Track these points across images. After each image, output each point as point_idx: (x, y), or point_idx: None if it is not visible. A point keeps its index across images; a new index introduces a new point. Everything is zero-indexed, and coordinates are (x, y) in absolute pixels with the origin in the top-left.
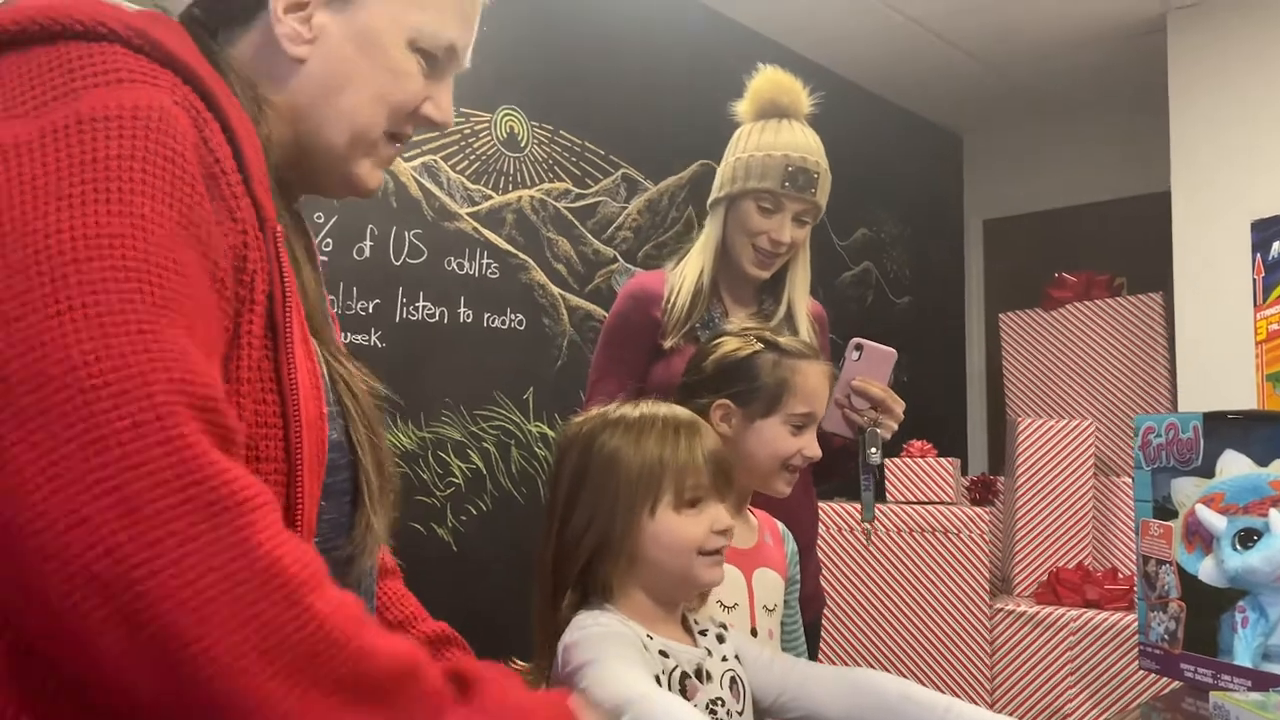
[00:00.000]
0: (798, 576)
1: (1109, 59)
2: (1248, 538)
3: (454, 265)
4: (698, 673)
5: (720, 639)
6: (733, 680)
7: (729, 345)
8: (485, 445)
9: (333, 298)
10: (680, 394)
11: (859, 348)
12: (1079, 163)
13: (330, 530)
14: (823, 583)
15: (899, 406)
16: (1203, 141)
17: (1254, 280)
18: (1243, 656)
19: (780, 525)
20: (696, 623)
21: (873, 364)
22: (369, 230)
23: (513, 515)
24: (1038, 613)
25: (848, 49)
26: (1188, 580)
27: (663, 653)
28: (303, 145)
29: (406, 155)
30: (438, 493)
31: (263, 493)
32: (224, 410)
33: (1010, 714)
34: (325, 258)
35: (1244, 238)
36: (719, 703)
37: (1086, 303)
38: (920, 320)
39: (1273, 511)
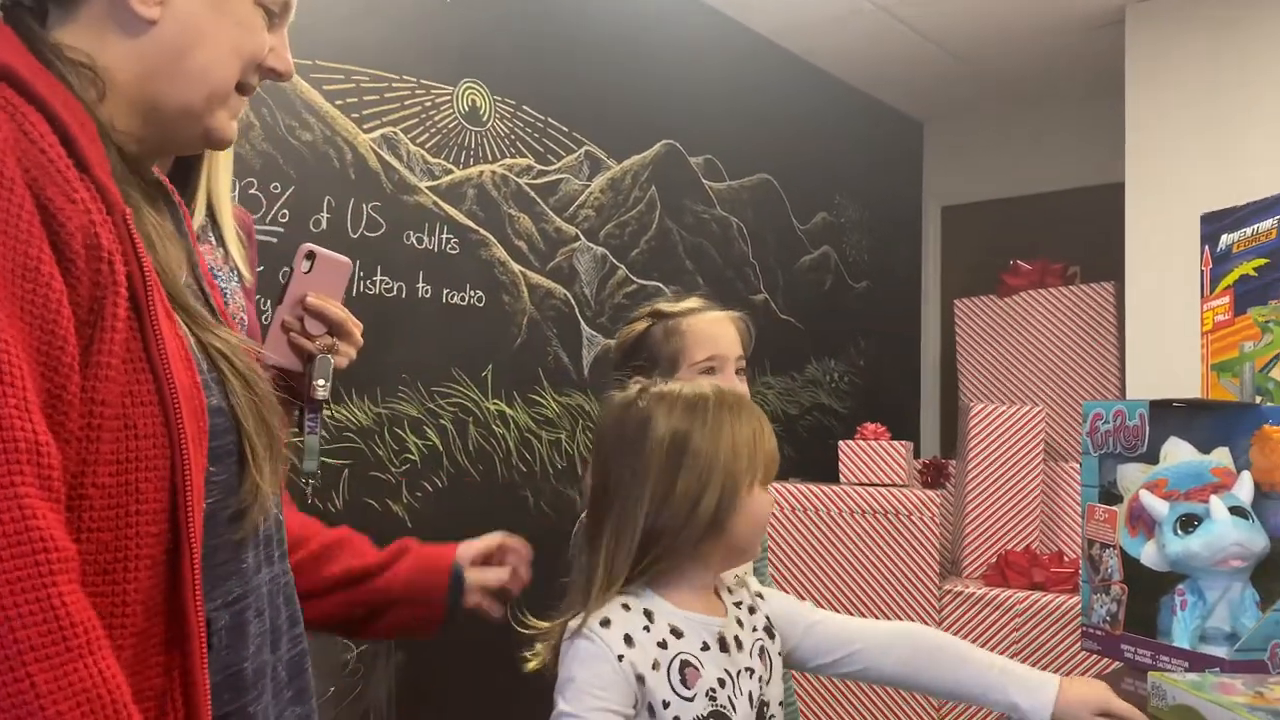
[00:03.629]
0: (763, 551)
1: (1068, 50)
2: (1188, 523)
3: (413, 239)
4: (721, 642)
5: (752, 609)
6: (761, 650)
7: (627, 329)
8: (442, 422)
9: (287, 269)
10: (614, 387)
11: (311, 256)
12: (1037, 152)
13: (221, 491)
14: (775, 562)
15: (358, 329)
16: (1156, 134)
17: (1202, 272)
18: (1181, 638)
19: None
20: (730, 591)
21: (327, 277)
22: (326, 202)
23: (469, 492)
24: (985, 594)
25: (811, 34)
26: (1130, 564)
27: (675, 631)
28: (158, 107)
29: (365, 126)
30: (393, 469)
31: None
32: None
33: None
34: (280, 229)
35: (1194, 230)
36: (749, 672)
37: (1040, 291)
38: (878, 305)
39: (1213, 498)
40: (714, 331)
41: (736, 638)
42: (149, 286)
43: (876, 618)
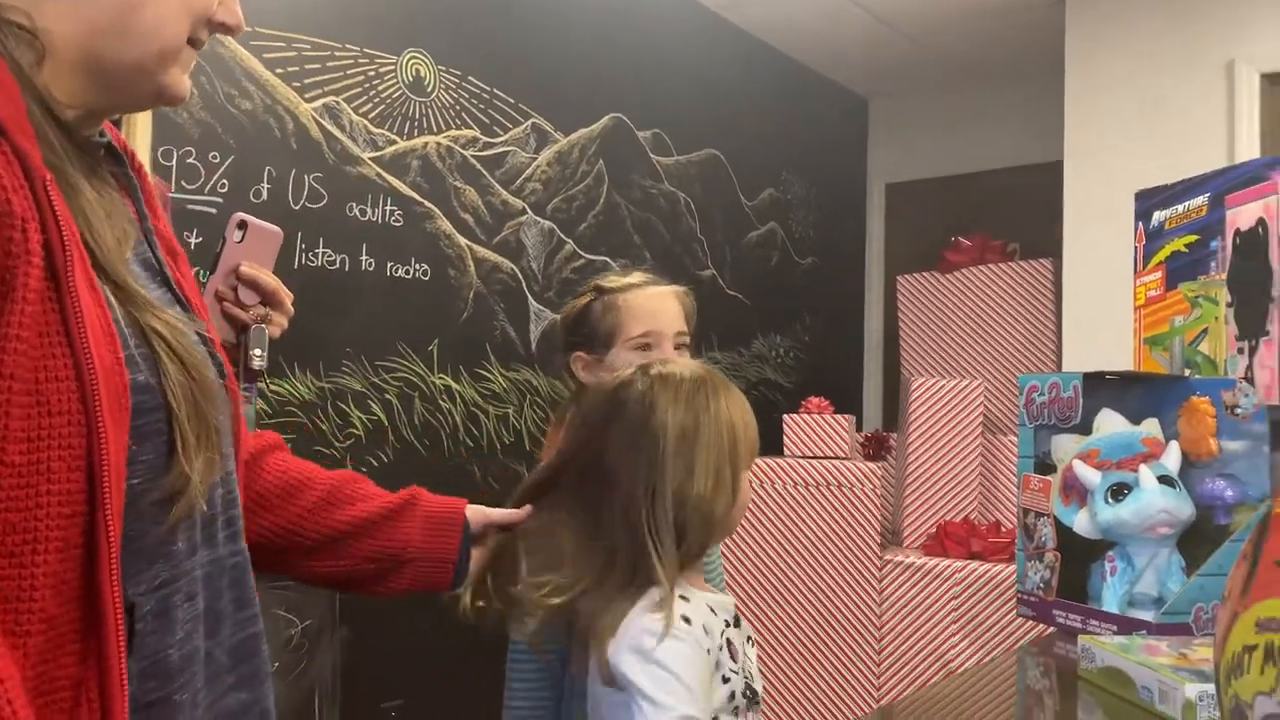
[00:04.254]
0: None
1: (1011, 29)
2: (1119, 491)
3: (356, 211)
4: (736, 618)
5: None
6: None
7: (568, 305)
8: (387, 397)
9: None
10: (559, 363)
11: (243, 226)
12: (979, 130)
13: (148, 471)
14: None
15: (289, 299)
16: (1095, 113)
17: (1135, 248)
18: (1110, 603)
19: None
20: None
21: (259, 246)
22: (267, 172)
23: (415, 467)
24: (925, 564)
25: (759, 9)
26: (1063, 531)
27: (713, 611)
28: (107, 67)
29: (306, 95)
30: (337, 444)
31: None
32: None
33: (898, 660)
34: (220, 199)
35: (1129, 207)
36: (750, 640)
37: (980, 267)
38: (823, 281)
39: (1142, 467)
40: (651, 307)
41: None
42: (69, 257)
43: (819, 587)
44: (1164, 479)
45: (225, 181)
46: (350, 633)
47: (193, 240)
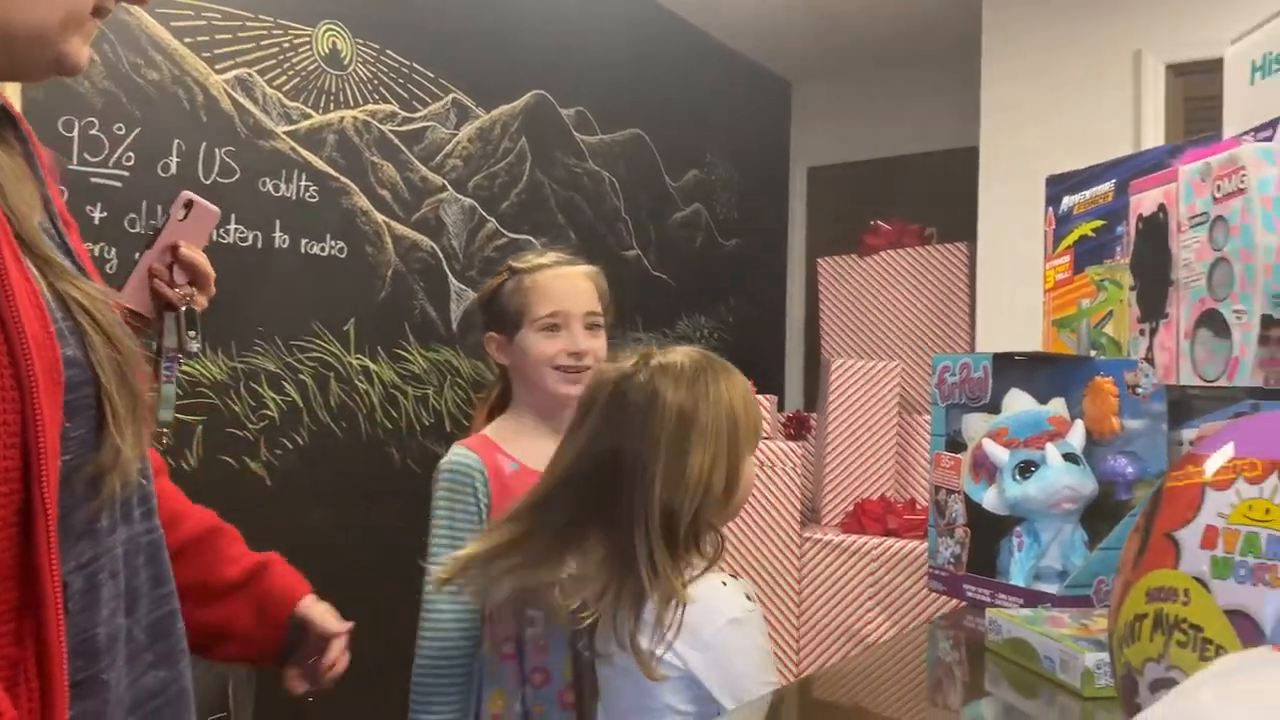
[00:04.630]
0: None
1: (932, 15)
2: (1026, 469)
3: (269, 186)
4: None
5: None
6: None
7: (483, 287)
8: (302, 377)
9: (133, 215)
10: (464, 335)
11: (189, 205)
12: (899, 115)
13: (79, 446)
14: None
15: (212, 278)
16: (1009, 100)
17: (1045, 233)
18: (1017, 577)
19: None
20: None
21: (198, 225)
22: (175, 145)
23: (331, 449)
24: (843, 541)
25: None
26: (973, 508)
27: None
28: (7, 33)
29: (217, 66)
30: (251, 425)
31: None
32: None
33: (816, 635)
34: (125, 173)
35: (1041, 192)
36: None
37: (898, 250)
38: (746, 262)
39: (1049, 445)
40: (558, 287)
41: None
42: None
43: (740, 564)
44: (1069, 456)
45: (131, 154)
46: None
47: (96, 215)
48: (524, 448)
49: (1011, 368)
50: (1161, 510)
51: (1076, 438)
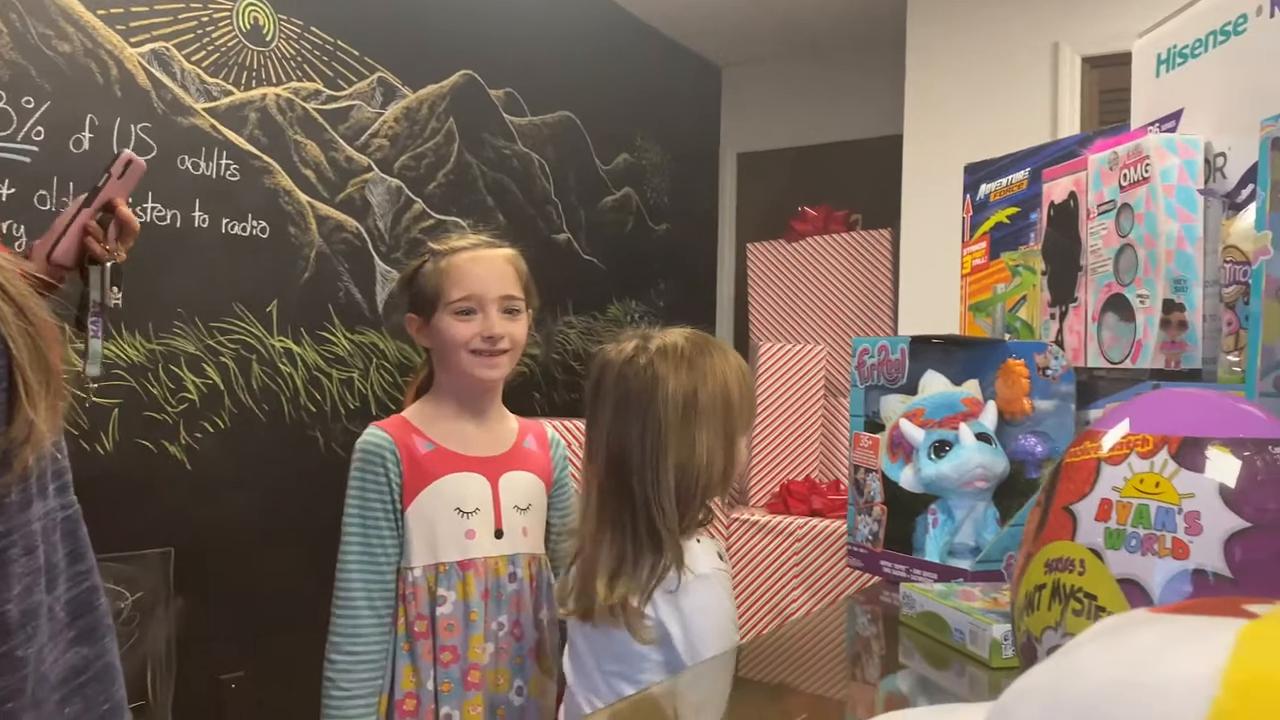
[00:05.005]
0: (566, 480)
1: (859, 4)
2: (941, 448)
3: (188, 164)
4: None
5: None
6: None
7: (406, 266)
8: (223, 359)
9: (43, 192)
10: (390, 314)
11: (128, 164)
12: (827, 103)
13: None
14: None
15: (137, 231)
16: (932, 90)
17: (963, 219)
18: (932, 553)
19: (551, 432)
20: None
21: (128, 182)
22: (88, 120)
23: (253, 432)
24: (769, 521)
25: None
26: (890, 486)
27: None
28: None
29: (132, 40)
30: (169, 408)
31: None
32: None
33: (743, 612)
34: (34, 148)
35: (961, 180)
36: None
37: (824, 236)
38: (677, 247)
39: (962, 425)
40: (474, 271)
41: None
42: None
43: None
44: (981, 436)
45: (41, 129)
46: (186, 604)
47: (4, 191)
48: (441, 429)
49: (928, 350)
50: (1060, 485)
51: (989, 418)
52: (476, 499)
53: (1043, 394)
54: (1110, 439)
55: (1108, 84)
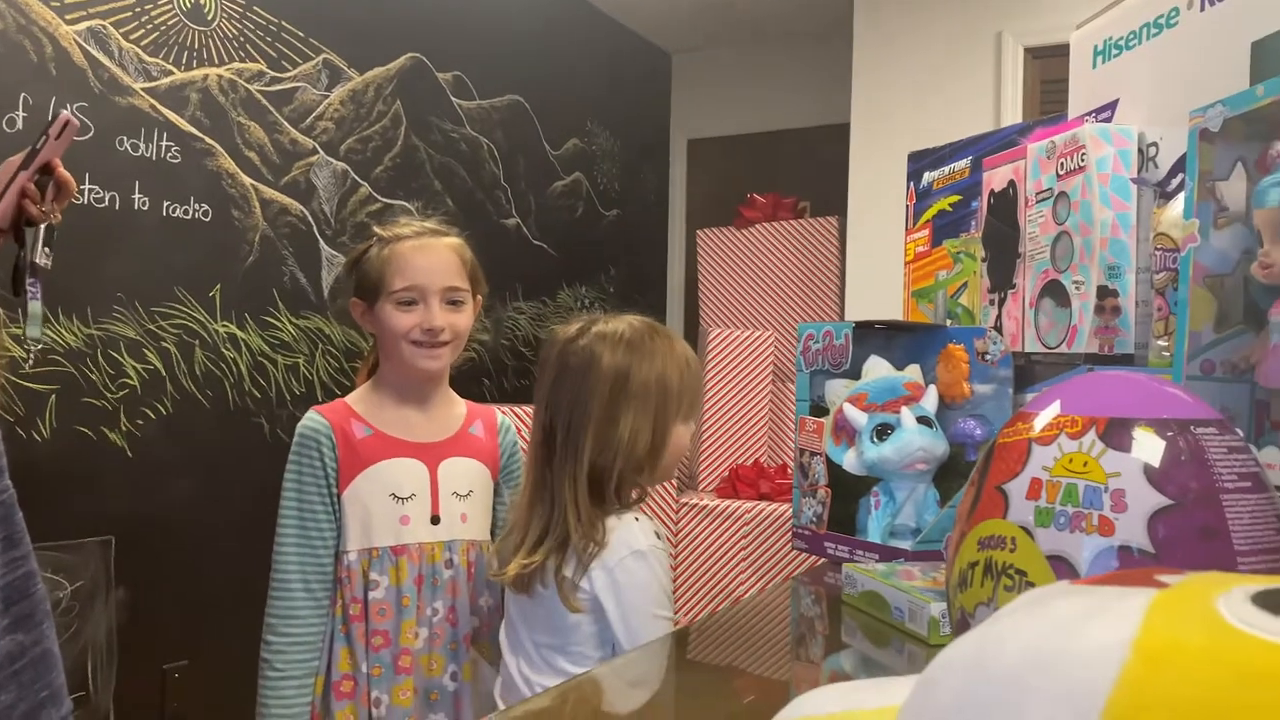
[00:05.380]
0: (515, 467)
1: None
2: (883, 431)
3: (127, 146)
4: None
5: None
6: None
7: (352, 250)
8: (165, 345)
9: None
10: (336, 299)
11: (66, 125)
12: (776, 90)
13: None
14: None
15: (74, 191)
16: (879, 79)
17: (907, 207)
18: (874, 534)
19: (501, 418)
20: None
21: (63, 143)
22: (22, 99)
23: (197, 419)
24: (717, 506)
25: None
26: (834, 469)
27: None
28: None
29: (68, 17)
30: (109, 395)
31: None
32: None
33: (691, 594)
34: None
35: (905, 168)
36: None
37: (773, 223)
38: (627, 233)
39: (904, 409)
40: (417, 261)
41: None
42: None
43: None
44: (922, 419)
45: None
46: (127, 594)
47: None
48: (382, 414)
49: (871, 335)
50: (993, 465)
51: (930, 402)
52: (413, 485)
53: (982, 378)
54: (1041, 420)
55: (1049, 74)
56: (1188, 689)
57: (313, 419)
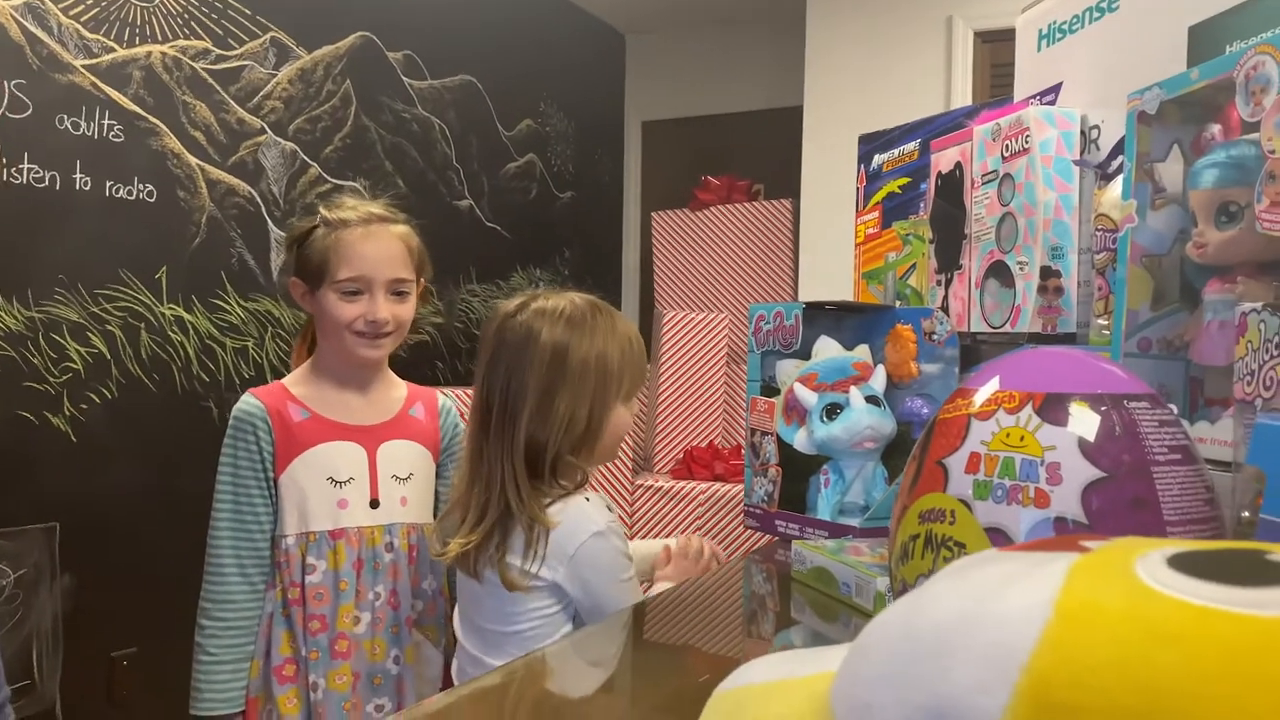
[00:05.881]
0: (456, 449)
1: None
2: (832, 411)
3: (67, 124)
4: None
5: None
6: None
7: (295, 226)
8: (109, 328)
9: None
10: (280, 275)
11: None
12: (731, 72)
13: None
14: None
15: None
16: (831, 62)
17: (857, 189)
18: (824, 512)
19: (442, 400)
20: None
21: None
22: None
23: (143, 403)
24: (672, 487)
25: None
26: (785, 448)
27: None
28: None
29: None
30: (52, 379)
31: None
32: None
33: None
34: None
35: (856, 151)
36: None
37: (727, 206)
38: (582, 215)
39: (853, 389)
40: (364, 251)
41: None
42: None
43: None
44: (871, 399)
45: None
46: (74, 581)
47: None
48: (320, 397)
49: (821, 316)
50: (934, 440)
51: (878, 382)
52: (351, 468)
53: (929, 358)
54: (981, 396)
55: (999, 58)
56: (1105, 648)
57: (248, 402)
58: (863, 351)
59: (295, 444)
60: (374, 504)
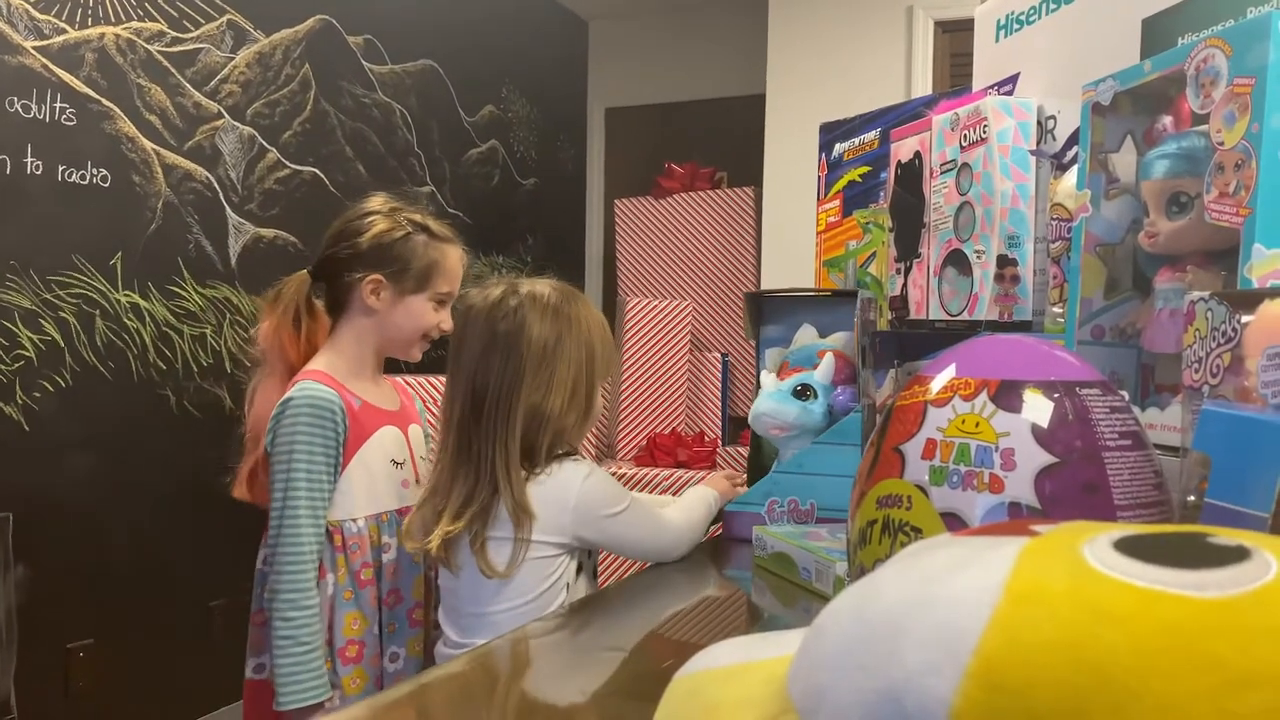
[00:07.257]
0: (426, 430)
1: None
2: (803, 393)
3: (18, 107)
4: None
5: None
6: None
7: (382, 225)
8: (63, 315)
9: None
10: (326, 266)
11: None
12: (695, 59)
13: None
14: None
15: None
16: (793, 50)
17: (819, 178)
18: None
19: (402, 383)
20: None
21: None
22: None
23: (99, 392)
24: (635, 474)
25: None
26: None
27: None
28: None
29: None
30: (3, 367)
31: None
32: None
33: (611, 560)
34: None
35: (818, 139)
36: None
37: (690, 193)
38: (545, 202)
39: (765, 374)
40: (456, 269)
41: None
42: None
43: None
44: (800, 388)
45: None
46: (29, 571)
47: None
48: (359, 385)
49: (819, 303)
50: (891, 426)
51: (822, 371)
52: (401, 451)
53: None
54: (937, 383)
55: (958, 48)
56: (1053, 629)
57: (322, 390)
58: (836, 339)
59: (362, 430)
60: (418, 482)
